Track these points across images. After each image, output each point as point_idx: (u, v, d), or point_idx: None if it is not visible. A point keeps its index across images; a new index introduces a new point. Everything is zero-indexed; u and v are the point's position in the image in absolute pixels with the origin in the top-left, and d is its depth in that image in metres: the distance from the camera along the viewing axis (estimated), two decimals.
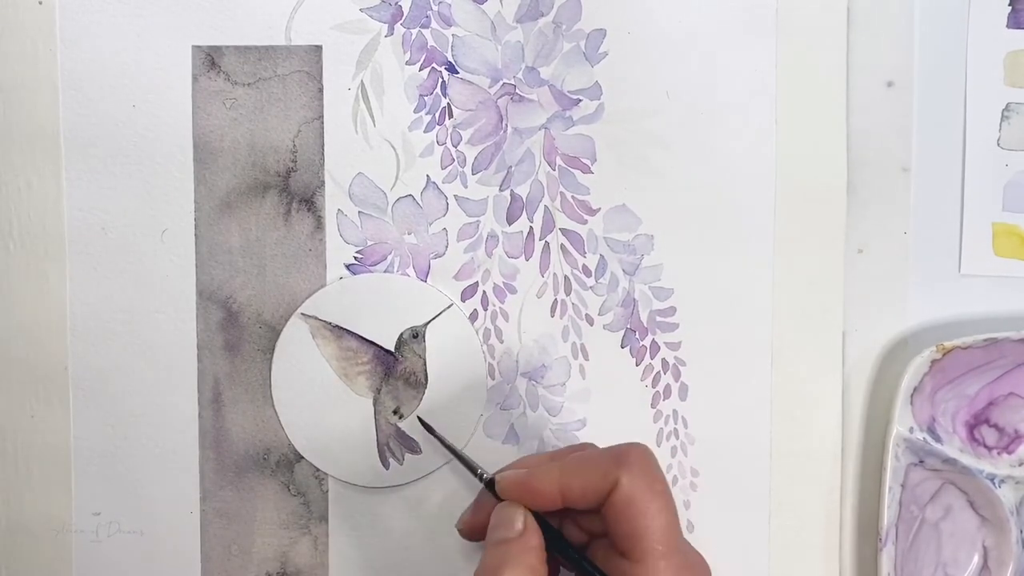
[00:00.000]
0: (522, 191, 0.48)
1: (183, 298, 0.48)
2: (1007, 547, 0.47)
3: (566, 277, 0.48)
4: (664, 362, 0.48)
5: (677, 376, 0.48)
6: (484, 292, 0.48)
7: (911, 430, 0.47)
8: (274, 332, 0.47)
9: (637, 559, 0.39)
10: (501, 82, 0.47)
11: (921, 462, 0.48)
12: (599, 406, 0.48)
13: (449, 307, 0.47)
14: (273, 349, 0.47)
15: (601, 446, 0.44)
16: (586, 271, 0.48)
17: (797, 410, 0.48)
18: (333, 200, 0.47)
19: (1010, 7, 0.48)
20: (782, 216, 0.48)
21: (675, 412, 0.48)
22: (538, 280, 0.48)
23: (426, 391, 0.47)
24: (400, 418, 0.47)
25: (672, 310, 0.48)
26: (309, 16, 0.47)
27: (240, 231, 0.48)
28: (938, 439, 0.47)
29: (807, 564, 0.48)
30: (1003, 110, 0.48)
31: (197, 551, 0.48)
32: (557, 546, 0.41)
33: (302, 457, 0.48)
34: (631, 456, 0.40)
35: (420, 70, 0.47)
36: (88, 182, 0.47)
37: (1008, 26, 0.48)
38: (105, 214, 0.47)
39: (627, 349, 0.48)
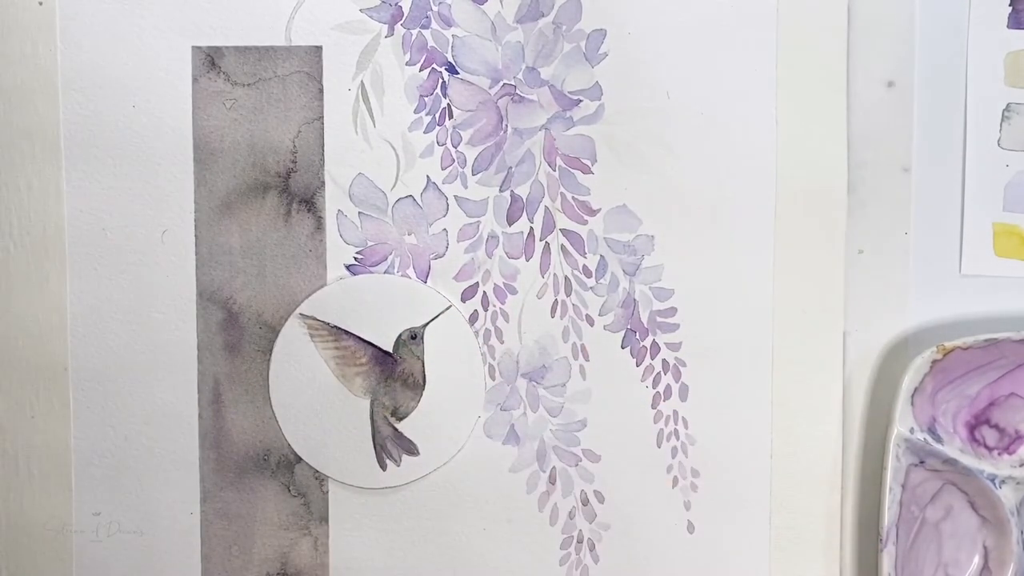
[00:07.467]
0: (522, 192, 0.47)
1: (183, 298, 0.48)
2: (1008, 548, 0.47)
3: (566, 278, 0.48)
4: (664, 363, 0.48)
5: (677, 377, 0.48)
6: (484, 293, 0.48)
7: (912, 430, 0.47)
8: (274, 333, 0.47)
9: None
10: (501, 83, 0.47)
11: (922, 462, 0.47)
12: (599, 407, 0.48)
13: (448, 309, 0.47)
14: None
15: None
16: (586, 272, 0.48)
17: (797, 411, 0.48)
18: (333, 201, 0.47)
19: (1010, 7, 0.48)
20: (782, 216, 0.48)
21: (675, 413, 0.48)
22: (538, 281, 0.48)
23: (424, 393, 0.47)
24: (398, 419, 0.47)
25: (672, 311, 0.48)
26: (309, 16, 0.47)
27: (240, 232, 0.48)
28: (939, 439, 0.47)
29: (807, 564, 0.48)
30: (1003, 110, 0.48)
31: (197, 552, 0.48)
32: None
33: (302, 458, 0.48)
34: None
35: (420, 71, 0.47)
36: (88, 182, 0.47)
37: (1008, 26, 0.48)
38: (105, 214, 0.47)
39: (627, 350, 0.48)
